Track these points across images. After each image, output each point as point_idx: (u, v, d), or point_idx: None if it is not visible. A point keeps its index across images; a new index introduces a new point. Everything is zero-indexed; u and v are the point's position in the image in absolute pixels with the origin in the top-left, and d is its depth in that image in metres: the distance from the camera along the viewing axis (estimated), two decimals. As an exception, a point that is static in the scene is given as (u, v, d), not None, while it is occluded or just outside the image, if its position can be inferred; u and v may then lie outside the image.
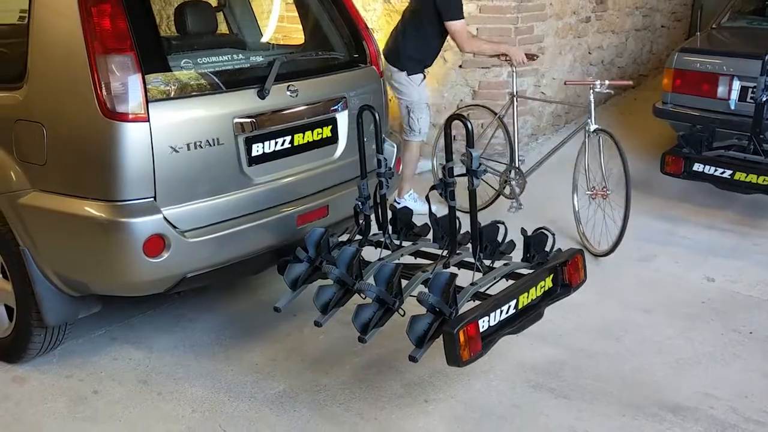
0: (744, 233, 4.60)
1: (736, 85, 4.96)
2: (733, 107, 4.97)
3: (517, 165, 4.59)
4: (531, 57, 4.64)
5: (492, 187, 4.70)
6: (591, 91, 4.20)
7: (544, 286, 2.81)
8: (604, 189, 4.21)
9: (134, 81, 2.62)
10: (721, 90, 5.03)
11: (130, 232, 2.65)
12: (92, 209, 2.66)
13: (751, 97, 4.69)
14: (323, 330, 3.05)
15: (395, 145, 3.59)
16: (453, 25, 4.41)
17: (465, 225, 2.99)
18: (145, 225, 2.67)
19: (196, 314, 3.58)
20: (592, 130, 4.18)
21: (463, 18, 4.47)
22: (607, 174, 4.22)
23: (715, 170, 4.46)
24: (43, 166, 2.74)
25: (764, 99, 4.52)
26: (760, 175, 4.32)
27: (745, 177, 4.36)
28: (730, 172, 4.42)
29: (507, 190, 4.63)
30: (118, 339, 3.36)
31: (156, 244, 2.70)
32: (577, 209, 4.39)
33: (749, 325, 3.51)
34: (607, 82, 4.19)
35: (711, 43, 5.56)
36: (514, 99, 4.61)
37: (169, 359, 3.22)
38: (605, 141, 4.17)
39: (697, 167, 4.54)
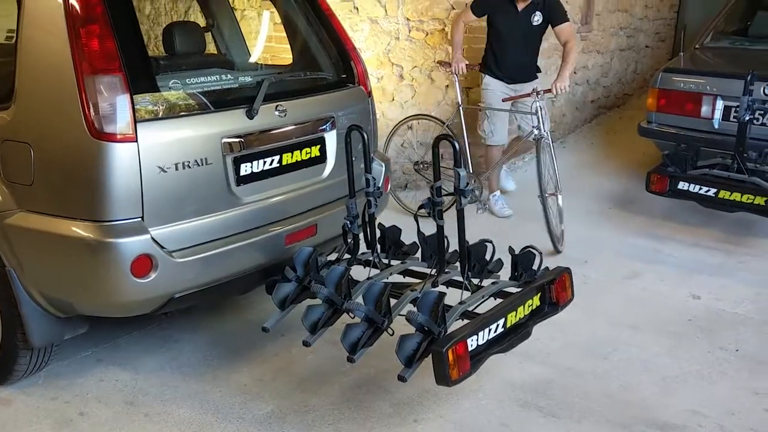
0: (729, 251, 4.64)
1: (720, 104, 5.03)
2: (716, 126, 5.04)
3: (470, 171, 4.97)
4: (470, 67, 4.98)
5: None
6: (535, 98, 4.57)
7: (531, 305, 2.82)
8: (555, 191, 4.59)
9: (122, 101, 2.63)
10: (704, 109, 5.10)
11: (117, 253, 2.64)
12: (80, 229, 2.65)
13: (735, 117, 4.76)
14: (311, 350, 3.04)
15: (383, 165, 3.61)
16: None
17: (453, 243, 3.00)
18: (132, 245, 2.66)
19: (182, 335, 3.56)
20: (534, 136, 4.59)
21: (465, 10, 4.99)
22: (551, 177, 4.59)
23: (700, 189, 4.52)
24: (30, 186, 2.72)
25: (747, 118, 4.59)
26: (744, 194, 4.38)
27: (730, 195, 4.42)
28: (714, 190, 4.47)
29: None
30: (104, 360, 3.33)
31: (144, 264, 2.69)
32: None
33: (735, 343, 3.53)
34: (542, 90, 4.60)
35: (694, 64, 5.64)
36: (460, 108, 4.99)
37: (155, 380, 3.20)
38: (545, 146, 4.54)
39: (682, 186, 4.60)
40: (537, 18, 4.68)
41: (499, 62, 4.92)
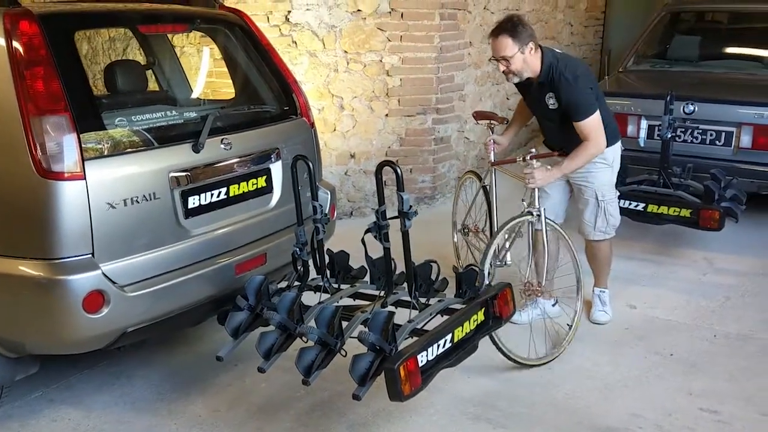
0: (660, 262, 4.88)
1: (644, 124, 5.31)
2: (642, 144, 5.32)
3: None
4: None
5: None
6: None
7: (477, 320, 2.94)
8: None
9: (69, 140, 2.67)
10: (630, 129, 5.38)
11: (69, 289, 2.66)
12: (30, 268, 2.67)
13: (658, 135, 5.02)
14: (265, 377, 3.10)
15: (329, 192, 3.71)
16: None
17: (400, 266, 3.11)
18: (83, 281, 2.68)
19: (134, 370, 3.56)
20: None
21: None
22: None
23: (630, 203, 4.74)
24: (-23, 227, 2.73)
25: (669, 136, 4.86)
26: (671, 207, 4.62)
27: (657, 209, 4.65)
28: (643, 204, 4.70)
29: None
30: (55, 400, 3.31)
31: (95, 300, 2.71)
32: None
33: (670, 348, 3.73)
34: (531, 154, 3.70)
35: (619, 86, 5.94)
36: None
37: (109, 417, 3.19)
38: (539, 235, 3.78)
39: (613, 201, 4.81)
40: (552, 102, 3.63)
41: (544, 138, 4.06)
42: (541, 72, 3.60)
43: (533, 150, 3.69)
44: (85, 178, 2.68)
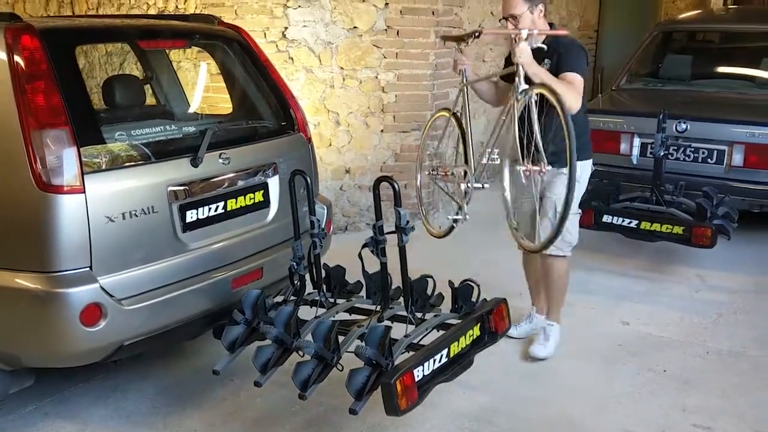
0: (653, 278, 4.91)
1: (637, 141, 5.37)
2: (635, 162, 5.37)
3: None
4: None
5: None
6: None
7: (472, 335, 2.96)
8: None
9: (69, 154, 2.69)
10: (623, 147, 5.43)
11: (66, 302, 2.67)
12: (28, 281, 2.68)
13: (651, 153, 5.07)
14: (261, 392, 3.10)
15: (325, 207, 3.73)
16: None
17: (396, 280, 3.13)
18: (81, 294, 2.69)
19: (130, 383, 3.55)
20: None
21: None
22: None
23: (623, 221, 4.78)
24: (-24, 240, 2.74)
25: (662, 153, 4.91)
26: (664, 224, 4.66)
27: (650, 226, 4.69)
28: (636, 222, 4.74)
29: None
30: (50, 414, 3.30)
31: (93, 313, 2.72)
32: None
33: (663, 364, 3.75)
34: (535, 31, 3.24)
35: (612, 104, 6.00)
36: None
37: (104, 431, 3.19)
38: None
39: (606, 218, 4.85)
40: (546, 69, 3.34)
41: None
42: (545, 39, 3.37)
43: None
44: (84, 192, 2.70)
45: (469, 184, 3.49)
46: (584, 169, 3.72)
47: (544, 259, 3.75)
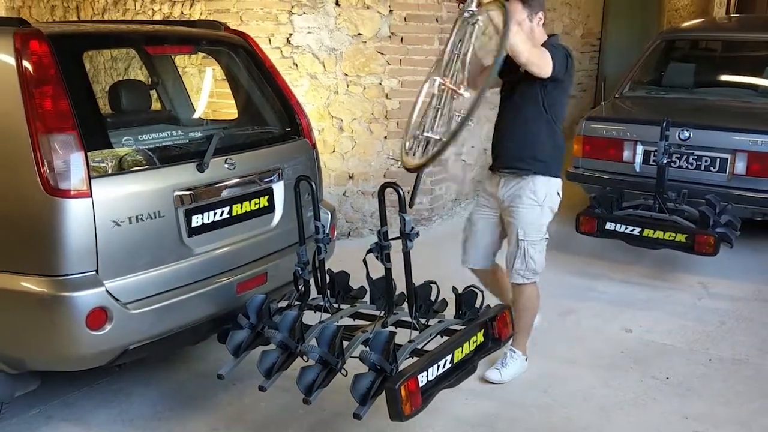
0: (655, 286, 4.92)
1: (640, 149, 5.38)
2: (638, 170, 5.38)
3: None
4: None
5: None
6: None
7: (476, 341, 2.97)
8: None
9: (77, 158, 2.70)
10: (626, 154, 5.44)
11: (73, 306, 2.68)
12: (34, 285, 2.69)
13: (653, 160, 5.09)
14: (264, 397, 3.11)
15: (329, 213, 3.74)
16: None
17: (400, 286, 3.14)
18: (87, 298, 2.70)
19: (133, 388, 3.56)
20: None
21: None
22: None
23: (626, 228, 4.79)
24: (-17, 243, 2.76)
25: (665, 161, 4.93)
26: (666, 231, 4.67)
27: (653, 233, 4.71)
28: (639, 229, 4.75)
29: None
30: (54, 417, 3.31)
31: (98, 316, 2.73)
32: None
33: (665, 371, 3.75)
34: None
35: (615, 112, 6.02)
36: None
37: (108, 435, 3.20)
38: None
39: (609, 226, 4.87)
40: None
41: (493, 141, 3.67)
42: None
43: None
44: (91, 196, 2.72)
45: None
46: (548, 190, 3.45)
47: (512, 285, 3.59)
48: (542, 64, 3.17)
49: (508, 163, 3.42)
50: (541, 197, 3.42)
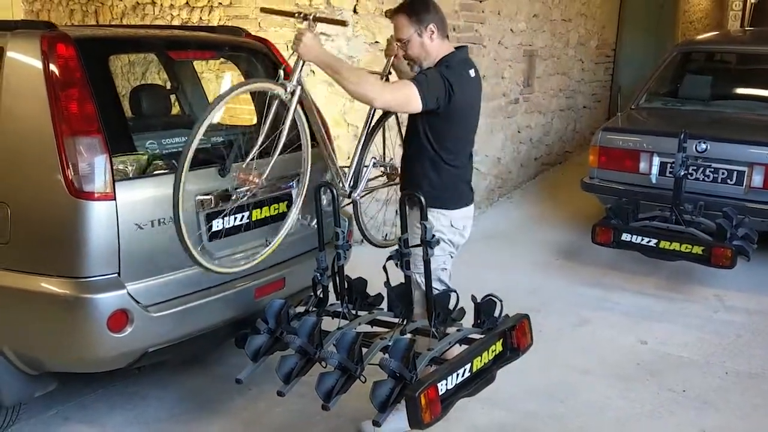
0: (671, 298, 4.90)
1: (656, 161, 5.37)
2: (654, 181, 5.37)
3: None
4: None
5: None
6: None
7: (495, 350, 2.96)
8: None
9: (101, 161, 2.72)
10: (642, 165, 5.44)
11: (94, 308, 2.69)
12: (56, 286, 2.70)
13: (670, 172, 5.09)
14: (280, 402, 3.11)
15: (347, 219, 3.74)
16: None
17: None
18: (109, 300, 2.72)
19: (149, 391, 3.57)
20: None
21: None
22: None
23: (642, 239, 4.79)
24: (6, 244, 2.77)
25: (682, 173, 4.92)
26: (683, 243, 4.66)
27: (670, 245, 4.70)
28: (655, 241, 4.74)
29: None
30: (71, 419, 3.32)
31: (120, 319, 2.74)
32: None
33: (682, 384, 3.74)
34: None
35: (631, 123, 6.02)
36: None
37: (124, 437, 3.21)
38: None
39: (625, 237, 4.86)
40: None
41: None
42: (435, 63, 3.02)
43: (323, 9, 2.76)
44: (115, 199, 2.73)
45: None
46: (440, 219, 3.06)
47: None
48: (403, 104, 2.95)
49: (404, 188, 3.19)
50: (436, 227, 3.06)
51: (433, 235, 2.86)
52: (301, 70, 2.94)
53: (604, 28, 9.20)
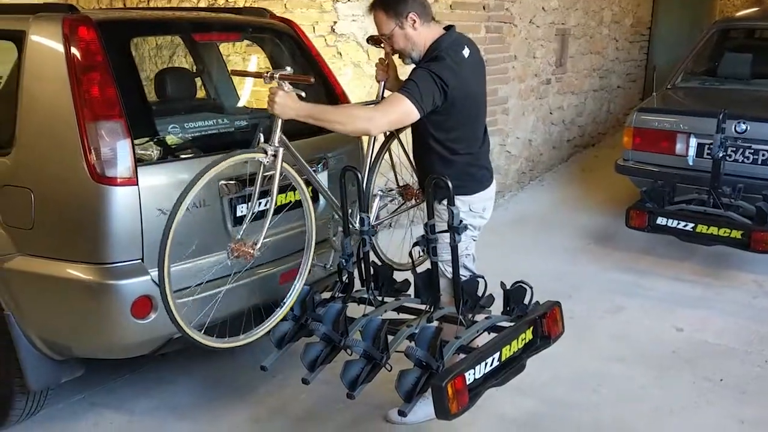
0: (707, 284, 4.76)
1: (693, 142, 5.20)
2: (691, 163, 5.20)
3: None
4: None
5: None
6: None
7: (525, 339, 2.88)
8: None
9: (123, 146, 2.69)
10: (679, 147, 5.27)
11: (118, 294, 2.67)
12: (80, 272, 2.68)
13: (708, 154, 4.92)
14: (305, 389, 3.07)
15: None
16: None
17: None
18: (133, 287, 2.69)
19: (175, 376, 3.57)
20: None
21: None
22: None
23: (678, 223, 4.65)
24: (30, 230, 2.75)
25: (721, 155, 4.76)
26: (721, 227, 4.52)
27: (707, 229, 4.55)
28: (692, 225, 4.61)
29: None
30: (97, 404, 3.33)
31: (144, 305, 2.72)
32: None
33: (719, 373, 3.62)
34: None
35: (667, 103, 5.84)
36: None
37: (150, 422, 3.21)
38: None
39: (661, 221, 4.73)
40: None
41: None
42: (425, 51, 2.91)
43: (288, 68, 2.81)
44: (137, 184, 2.70)
45: None
46: (457, 206, 2.84)
47: None
48: (402, 120, 2.84)
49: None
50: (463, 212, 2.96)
51: (461, 221, 2.78)
52: (280, 130, 2.80)
53: (639, 5, 8.95)
